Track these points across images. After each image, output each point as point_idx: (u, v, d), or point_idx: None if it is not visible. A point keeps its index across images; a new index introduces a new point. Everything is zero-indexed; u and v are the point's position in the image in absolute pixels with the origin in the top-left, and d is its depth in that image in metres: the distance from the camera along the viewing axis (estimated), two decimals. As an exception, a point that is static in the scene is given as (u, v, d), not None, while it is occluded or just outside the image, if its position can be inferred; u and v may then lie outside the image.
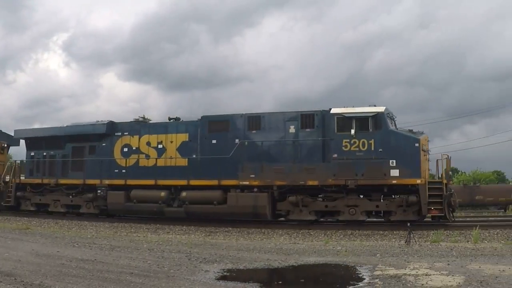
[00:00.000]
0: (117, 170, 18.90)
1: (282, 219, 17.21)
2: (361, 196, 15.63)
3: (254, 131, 17.03)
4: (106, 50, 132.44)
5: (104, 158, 19.16)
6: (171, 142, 18.23)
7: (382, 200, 15.46)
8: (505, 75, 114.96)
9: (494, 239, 12.97)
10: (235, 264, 8.92)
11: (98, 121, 20.00)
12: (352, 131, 15.39)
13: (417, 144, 15.07)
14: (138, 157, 18.59)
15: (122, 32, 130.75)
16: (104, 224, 17.85)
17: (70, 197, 19.43)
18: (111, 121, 19.34)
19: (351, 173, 15.31)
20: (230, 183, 16.71)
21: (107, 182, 18.63)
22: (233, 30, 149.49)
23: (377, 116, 15.41)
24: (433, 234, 13.21)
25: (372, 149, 15.23)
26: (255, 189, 16.42)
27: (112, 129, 19.25)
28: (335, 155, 15.59)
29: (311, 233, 14.82)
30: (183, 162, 17.87)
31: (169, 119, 19.05)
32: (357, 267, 8.52)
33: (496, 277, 7.13)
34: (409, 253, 10.45)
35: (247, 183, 16.44)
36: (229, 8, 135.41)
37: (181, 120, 18.82)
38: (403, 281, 6.90)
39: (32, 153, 21.02)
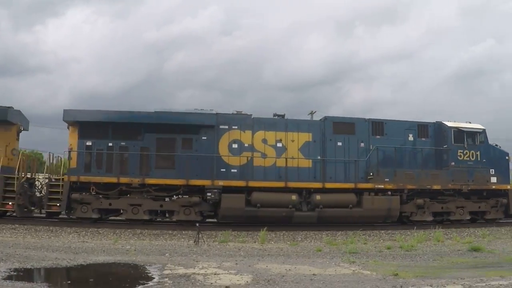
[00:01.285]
0: (224, 170, 16.28)
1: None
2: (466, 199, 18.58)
3: (378, 136, 17.83)
4: None
5: (207, 155, 16.18)
6: (293, 141, 17.04)
7: (478, 202, 18.80)
8: (298, 87, 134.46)
9: (280, 240, 14.08)
10: (23, 263, 8.61)
11: (197, 109, 16.66)
12: (465, 144, 18.32)
13: (507, 157, 19.15)
14: (252, 155, 16.55)
15: None
16: None
17: (166, 200, 15.48)
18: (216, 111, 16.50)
19: (464, 179, 18.14)
20: (366, 187, 17.05)
21: (221, 183, 15.83)
22: (36, 18, 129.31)
23: (482, 133, 18.79)
24: (221, 234, 13.94)
25: (479, 159, 18.47)
26: (389, 192, 17.32)
27: (217, 121, 16.50)
28: (453, 163, 18.14)
29: (100, 231, 14.68)
30: (306, 163, 16.98)
31: (275, 115, 17.63)
32: (146, 266, 8.64)
33: (283, 276, 7.68)
34: (198, 252, 10.85)
35: (382, 186, 17.17)
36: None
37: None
38: (192, 280, 7.03)
39: (89, 143, 15.64)
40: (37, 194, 16.16)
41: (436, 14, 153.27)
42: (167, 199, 15.79)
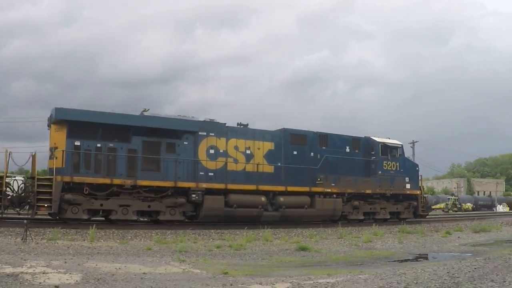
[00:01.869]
0: (202, 173, 17.84)
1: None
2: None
3: (324, 147, 21.06)
4: None
5: (189, 159, 17.54)
6: (259, 149, 19.32)
7: (395, 204, 23.16)
8: (135, 84, 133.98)
9: (110, 238, 13.78)
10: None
11: (180, 115, 17.83)
12: (389, 156, 22.58)
13: (417, 168, 23.95)
14: (226, 160, 18.38)
15: None
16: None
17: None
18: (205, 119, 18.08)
19: (388, 185, 22.35)
20: (317, 190, 20.05)
21: (204, 185, 17.33)
22: None
23: (400, 147, 23.31)
24: (49, 232, 13.67)
25: (398, 169, 22.91)
26: (334, 195, 20.56)
27: (198, 128, 17.96)
28: (380, 172, 22.23)
29: None
30: (269, 169, 19.40)
31: (239, 124, 19.71)
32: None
33: (113, 274, 7.51)
34: (26, 250, 10.43)
35: (330, 190, 20.38)
36: None
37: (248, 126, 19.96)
38: (21, 280, 6.75)
39: (77, 143, 15.78)
40: (12, 194, 15.69)
41: (276, 21, 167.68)
42: (152, 199, 16.75)
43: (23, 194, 15.39)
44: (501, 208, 63.71)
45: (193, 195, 17.15)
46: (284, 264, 10.27)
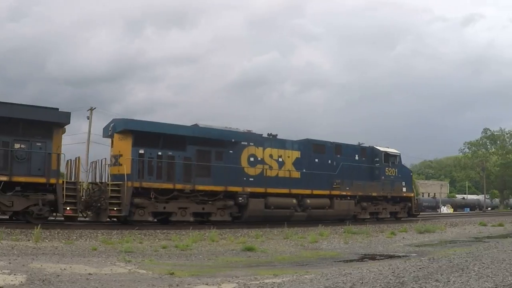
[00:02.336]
0: (245, 178, 19.83)
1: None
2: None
3: (339, 156, 23.72)
4: None
5: (234, 166, 19.47)
6: (288, 157, 21.61)
7: (394, 205, 26.26)
8: (81, 82, 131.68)
9: (55, 239, 13.62)
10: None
11: (227, 127, 19.72)
12: (390, 163, 25.65)
13: (411, 174, 27.28)
14: (263, 167, 20.51)
15: None
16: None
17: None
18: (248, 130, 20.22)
19: (389, 189, 25.41)
20: (335, 193, 22.64)
21: (249, 189, 19.37)
22: None
23: (399, 156, 26.48)
24: None
25: (396, 175, 26.04)
26: (348, 198, 23.25)
27: (241, 138, 19.99)
28: (383, 177, 25.23)
29: None
30: (297, 174, 21.76)
31: (269, 135, 21.91)
32: None
33: (58, 275, 7.42)
34: None
35: (345, 193, 23.05)
36: None
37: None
38: None
39: (141, 151, 17.24)
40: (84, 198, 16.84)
41: (225, 22, 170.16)
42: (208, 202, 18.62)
43: (91, 198, 16.68)
44: (445, 209, 68.55)
45: (240, 198, 19.21)
46: (230, 264, 10.26)
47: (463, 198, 75.72)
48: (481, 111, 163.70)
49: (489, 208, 65.68)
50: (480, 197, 69.84)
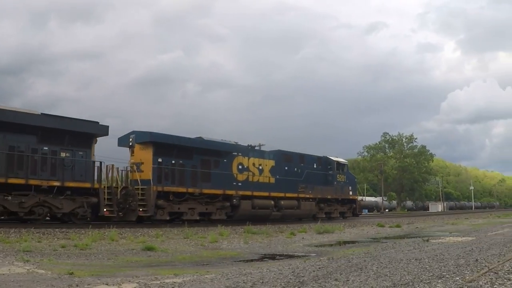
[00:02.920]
0: (234, 183, 23.55)
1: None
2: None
3: (302, 164, 28.35)
4: None
5: (227, 172, 23.08)
6: (266, 165, 25.74)
7: (343, 206, 31.51)
8: None
9: None
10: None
11: (223, 139, 23.25)
12: (340, 171, 30.90)
13: (356, 179, 32.83)
14: (248, 174, 24.40)
15: None
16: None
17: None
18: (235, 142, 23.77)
19: (340, 192, 30.62)
20: (301, 196, 27.18)
21: (240, 193, 23.07)
22: None
23: (346, 164, 31.91)
24: None
25: (345, 181, 31.36)
26: (310, 200, 27.91)
27: (234, 149, 23.71)
28: (335, 183, 30.38)
29: None
30: (273, 180, 25.95)
31: (248, 146, 25.97)
32: None
33: None
34: None
35: (308, 196, 27.74)
36: None
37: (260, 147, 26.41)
38: None
39: (160, 159, 20.14)
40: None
41: (131, 19, 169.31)
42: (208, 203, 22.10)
43: (123, 200, 19.33)
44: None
45: (234, 200, 22.94)
46: (131, 264, 10.22)
47: (361, 200, 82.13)
48: (381, 116, 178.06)
49: (387, 210, 69.16)
50: (378, 199, 72.40)
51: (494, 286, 6.21)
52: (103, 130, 18.72)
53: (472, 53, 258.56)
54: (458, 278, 6.80)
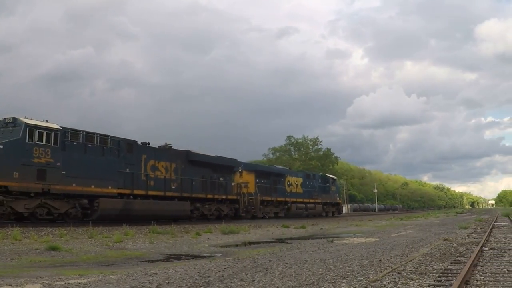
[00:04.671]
0: (286, 193, 38.26)
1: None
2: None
3: (314, 180, 43.73)
4: None
5: (282, 187, 37.56)
6: (298, 182, 40.61)
7: (333, 207, 47.04)
8: None
9: None
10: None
11: (279, 166, 37.48)
12: (332, 183, 46.72)
13: (339, 188, 48.81)
14: (291, 188, 39.07)
15: None
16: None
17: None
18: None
19: (333, 198, 46.52)
20: (317, 201, 42.51)
21: (289, 199, 37.64)
22: None
23: (336, 179, 47.93)
24: None
25: (336, 190, 47.81)
26: (320, 203, 43.04)
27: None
28: (331, 192, 46.22)
29: None
30: (301, 191, 41.09)
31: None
32: None
33: None
34: None
35: (319, 201, 43.13)
36: None
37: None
38: None
39: (257, 180, 34.20)
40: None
41: (43, 13, 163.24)
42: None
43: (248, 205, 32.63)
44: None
45: (287, 204, 37.25)
46: (34, 264, 10.09)
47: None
48: (289, 118, 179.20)
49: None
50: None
51: (398, 286, 6.48)
52: (239, 164, 32.55)
53: (379, 61, 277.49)
54: (362, 278, 7.09)
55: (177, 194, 25.31)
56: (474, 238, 15.93)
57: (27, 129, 17.96)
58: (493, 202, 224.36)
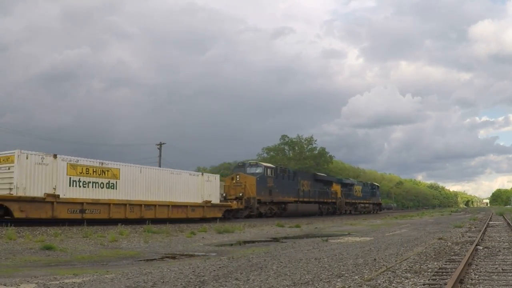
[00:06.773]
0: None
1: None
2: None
3: (366, 186, 62.73)
4: None
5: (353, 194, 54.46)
6: (359, 188, 57.95)
7: (377, 206, 63.42)
8: None
9: None
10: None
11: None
12: (376, 189, 67.07)
13: (379, 193, 64.99)
14: (355, 193, 54.14)
15: None
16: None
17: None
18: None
19: (377, 200, 65.96)
20: (369, 201, 61.15)
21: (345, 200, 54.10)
22: None
23: (379, 186, 70.28)
24: None
25: (379, 194, 67.74)
26: (370, 203, 60.44)
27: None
28: (375, 196, 65.08)
29: None
30: (361, 195, 58.54)
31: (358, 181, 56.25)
32: None
33: None
34: None
35: (370, 202, 61.60)
36: None
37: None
38: None
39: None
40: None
41: (40, 12, 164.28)
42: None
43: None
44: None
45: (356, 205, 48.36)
46: (29, 263, 10.10)
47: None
48: (283, 118, 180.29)
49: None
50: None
51: (392, 285, 6.46)
52: (333, 179, 50.25)
53: (374, 61, 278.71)
54: (357, 277, 7.09)
55: (312, 200, 43.57)
56: (469, 237, 16.00)
57: (265, 168, 36.30)
58: (488, 201, 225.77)
